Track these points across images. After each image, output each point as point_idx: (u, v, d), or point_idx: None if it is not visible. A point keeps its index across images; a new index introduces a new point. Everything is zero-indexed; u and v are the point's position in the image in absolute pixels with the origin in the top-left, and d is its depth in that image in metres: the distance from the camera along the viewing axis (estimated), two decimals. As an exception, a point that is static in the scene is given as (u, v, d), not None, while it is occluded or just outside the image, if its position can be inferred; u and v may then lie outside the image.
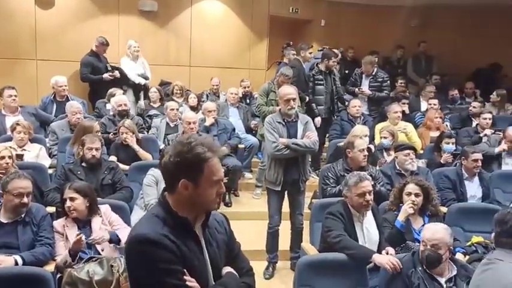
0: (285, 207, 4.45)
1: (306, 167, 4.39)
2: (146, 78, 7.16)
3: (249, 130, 6.71)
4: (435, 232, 2.83)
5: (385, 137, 5.35)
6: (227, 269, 1.83)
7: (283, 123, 4.24)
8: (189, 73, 8.44)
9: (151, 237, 1.61)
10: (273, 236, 4.38)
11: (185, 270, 1.64)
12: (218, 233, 1.84)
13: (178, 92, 7.15)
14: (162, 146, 5.45)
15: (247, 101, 7.53)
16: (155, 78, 7.65)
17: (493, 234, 2.14)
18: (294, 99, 4.24)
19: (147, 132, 6.01)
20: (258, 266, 4.39)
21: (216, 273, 1.78)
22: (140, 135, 5.39)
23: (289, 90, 4.30)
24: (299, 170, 4.28)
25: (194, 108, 6.77)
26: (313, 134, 4.26)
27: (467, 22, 9.06)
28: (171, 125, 5.95)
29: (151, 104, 6.79)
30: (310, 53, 6.69)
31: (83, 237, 3.10)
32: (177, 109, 6.10)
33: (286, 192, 4.38)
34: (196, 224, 1.76)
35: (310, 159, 5.80)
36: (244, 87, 7.65)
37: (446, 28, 9.06)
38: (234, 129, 6.09)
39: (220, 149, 1.80)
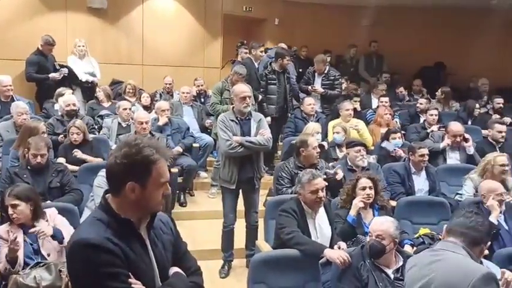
0: (240, 205, 4.45)
1: (260, 164, 4.41)
2: (94, 75, 6.97)
3: (204, 129, 6.67)
4: (380, 224, 2.95)
5: (337, 132, 5.45)
6: (174, 269, 1.82)
7: (237, 121, 4.25)
8: (142, 72, 8.29)
9: (94, 241, 1.58)
10: (228, 235, 4.38)
11: (130, 273, 1.62)
12: (164, 233, 1.82)
13: (131, 91, 7.00)
14: (114, 147, 5.32)
15: (202, 99, 7.50)
16: (107, 77, 7.47)
17: (445, 225, 2.21)
18: (249, 97, 4.29)
19: (98, 132, 5.85)
20: (214, 265, 4.40)
21: (163, 274, 1.77)
22: (91, 135, 5.26)
23: (245, 88, 4.33)
24: (253, 168, 4.30)
25: (147, 108, 6.66)
26: (267, 132, 4.29)
27: (414, 23, 9.37)
28: (123, 125, 5.82)
29: (101, 103, 6.62)
30: (261, 52, 6.69)
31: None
32: (130, 108, 5.97)
33: (240, 191, 4.38)
34: (141, 225, 1.74)
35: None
36: (198, 86, 7.63)
37: (395, 28, 9.33)
38: (188, 129, 6.04)
39: (167, 151, 1.79)
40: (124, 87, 7.06)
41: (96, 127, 5.96)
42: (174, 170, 5.05)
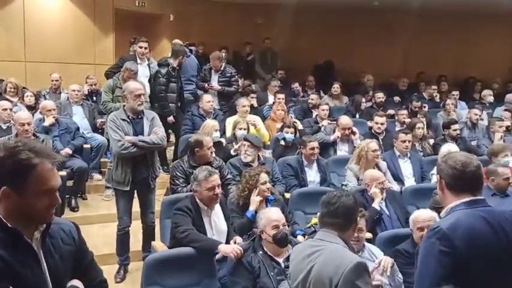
0: (136, 206, 4.33)
1: (155, 164, 4.34)
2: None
3: (96, 129, 6.37)
4: (275, 214, 3.08)
5: (244, 129, 5.50)
6: (72, 282, 1.73)
7: (128, 120, 4.12)
8: (25, 69, 7.66)
9: None
10: (123, 238, 4.24)
11: (15, 285, 1.51)
12: (64, 243, 1.72)
13: (12, 90, 6.42)
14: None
15: (94, 98, 7.16)
16: (-17, 75, 6.80)
17: (318, 214, 2.33)
18: (143, 95, 4.18)
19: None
20: (109, 270, 4.21)
21: (59, 287, 1.68)
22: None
23: (138, 85, 4.23)
24: (148, 168, 4.21)
25: (32, 108, 6.21)
26: (161, 130, 4.22)
27: (305, 21, 9.75)
28: (3, 127, 5.33)
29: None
30: (141, 47, 6.49)
31: None
32: (11, 109, 5.50)
33: (136, 192, 4.26)
34: (35, 235, 1.63)
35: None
36: (91, 84, 7.27)
37: (288, 26, 9.62)
38: (78, 129, 5.76)
39: (51, 154, 1.65)
40: (4, 86, 6.47)
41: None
42: (63, 173, 4.76)
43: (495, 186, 4.28)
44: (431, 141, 6.34)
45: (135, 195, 4.30)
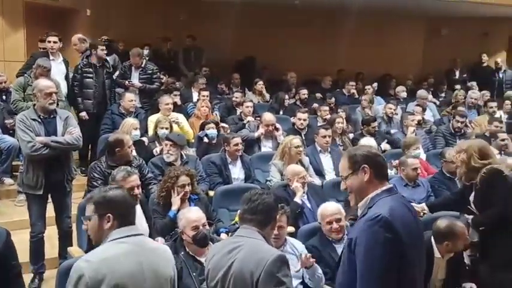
0: (51, 211, 4.12)
1: (70, 165, 4.16)
2: None
3: (6, 130, 5.95)
4: (194, 214, 3.06)
5: (166, 128, 5.38)
6: None
7: (39, 120, 3.90)
8: None
9: None
10: (37, 245, 4.01)
11: None
12: None
13: None
14: None
15: (4, 97, 6.67)
16: None
17: (238, 211, 2.33)
18: (55, 93, 3.99)
19: None
20: (24, 280, 3.94)
21: None
22: None
23: (49, 83, 4.03)
24: (63, 170, 4.03)
25: None
26: (76, 130, 4.03)
27: (228, 18, 9.69)
28: None
29: None
30: (49, 42, 6.17)
31: None
32: None
33: (50, 195, 4.05)
34: None
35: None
36: (1, 83, 6.76)
37: (212, 22, 9.56)
38: (-16, 131, 5.32)
39: None
40: None
41: None
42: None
43: (405, 176, 4.58)
44: (351, 135, 6.60)
45: (50, 199, 4.09)
